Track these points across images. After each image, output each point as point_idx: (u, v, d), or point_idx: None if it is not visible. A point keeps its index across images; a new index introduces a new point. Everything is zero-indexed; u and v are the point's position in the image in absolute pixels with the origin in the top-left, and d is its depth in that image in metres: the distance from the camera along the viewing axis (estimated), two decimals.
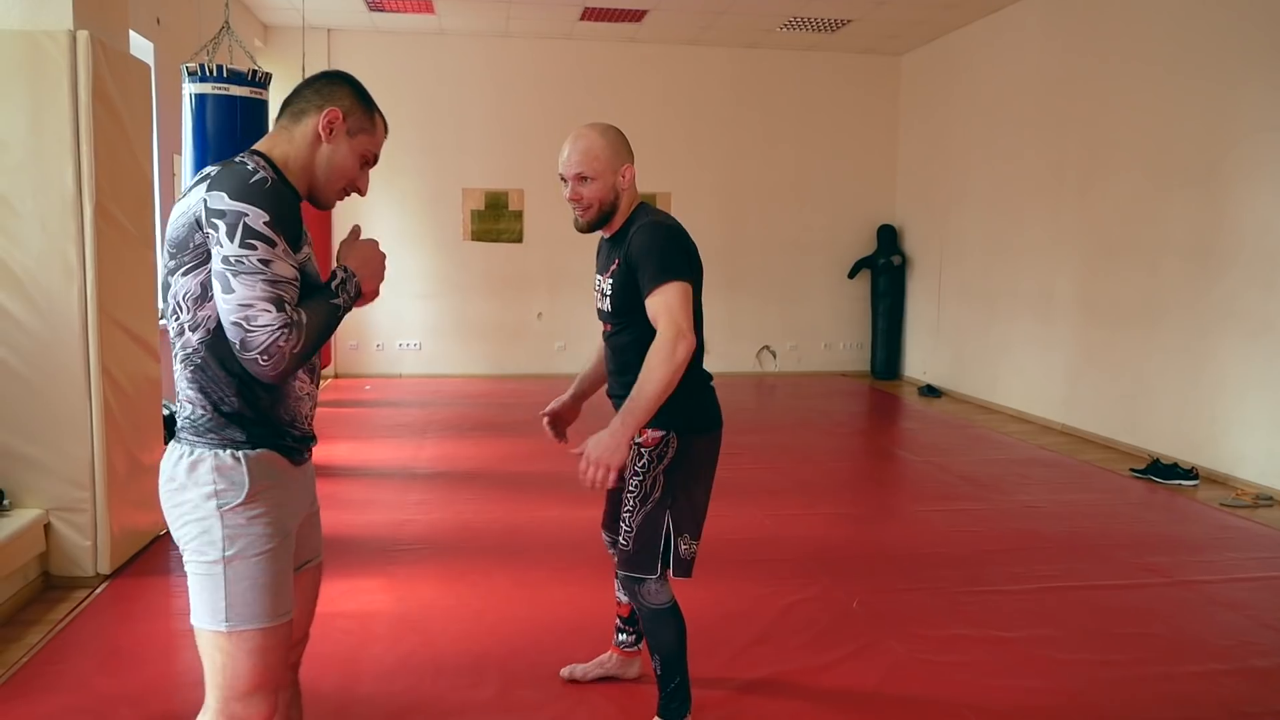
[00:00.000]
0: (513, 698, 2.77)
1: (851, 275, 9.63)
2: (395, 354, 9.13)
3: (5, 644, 3.08)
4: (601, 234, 2.47)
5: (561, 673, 2.88)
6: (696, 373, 2.42)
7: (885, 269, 9.36)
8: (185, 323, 1.67)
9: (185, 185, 1.70)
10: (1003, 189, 7.76)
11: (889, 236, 9.47)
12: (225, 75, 4.03)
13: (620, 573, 2.43)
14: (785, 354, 9.72)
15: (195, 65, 4.06)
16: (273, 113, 1.83)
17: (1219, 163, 5.50)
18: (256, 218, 1.59)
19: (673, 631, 2.43)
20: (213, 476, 1.66)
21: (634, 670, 2.87)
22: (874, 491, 5.50)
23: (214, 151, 4.01)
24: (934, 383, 8.77)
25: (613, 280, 2.38)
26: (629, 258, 2.31)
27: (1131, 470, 5.64)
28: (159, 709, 2.68)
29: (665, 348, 2.18)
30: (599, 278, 2.47)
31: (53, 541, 3.56)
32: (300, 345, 1.62)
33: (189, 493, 1.68)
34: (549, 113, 8.93)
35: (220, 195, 1.60)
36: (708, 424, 2.43)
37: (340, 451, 5.92)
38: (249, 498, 1.67)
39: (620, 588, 2.64)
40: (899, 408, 8.12)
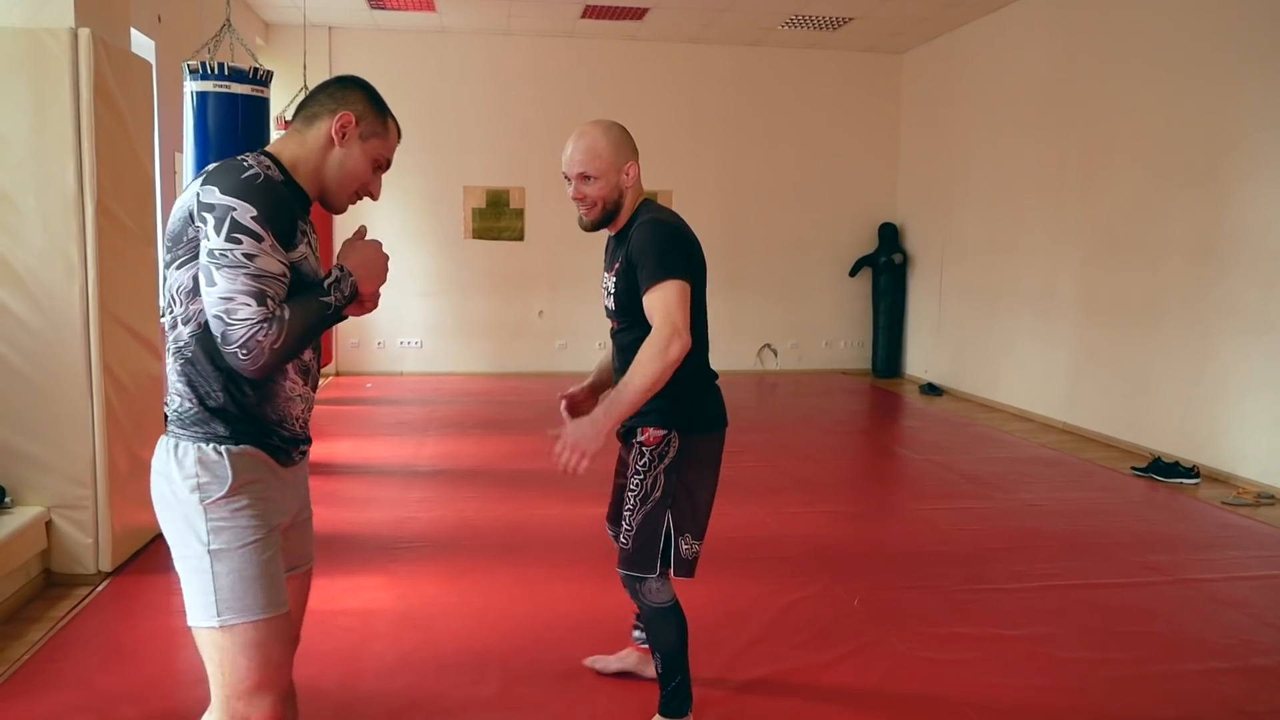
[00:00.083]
0: (514, 695, 2.77)
1: (853, 273, 9.62)
2: (396, 352, 9.13)
3: (7, 641, 3.08)
4: (608, 231, 2.46)
5: (585, 661, 2.88)
6: (700, 372, 2.41)
7: (886, 267, 9.35)
8: (178, 316, 1.68)
9: (186, 183, 1.68)
10: (1004, 187, 7.75)
11: (890, 234, 9.46)
12: (226, 73, 4.03)
13: (621, 571, 2.42)
14: (786, 352, 9.72)
15: (197, 63, 4.06)
16: (274, 111, 1.84)
17: (1220, 161, 5.49)
18: (244, 212, 1.60)
19: (674, 630, 2.42)
20: (196, 468, 1.66)
21: (653, 668, 2.81)
22: (875, 490, 5.50)
23: (215, 149, 4.01)
24: (935, 381, 8.77)
25: (616, 278, 2.36)
26: (629, 255, 2.30)
27: (1133, 469, 5.64)
28: (160, 707, 2.68)
29: (658, 344, 2.16)
30: (605, 275, 2.46)
31: (54, 539, 3.57)
32: (281, 341, 1.61)
33: (174, 484, 1.68)
34: (550, 111, 8.93)
35: (212, 190, 1.61)
36: (710, 424, 2.41)
37: (342, 449, 5.92)
38: (232, 490, 1.67)
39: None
40: (900, 406, 8.12)
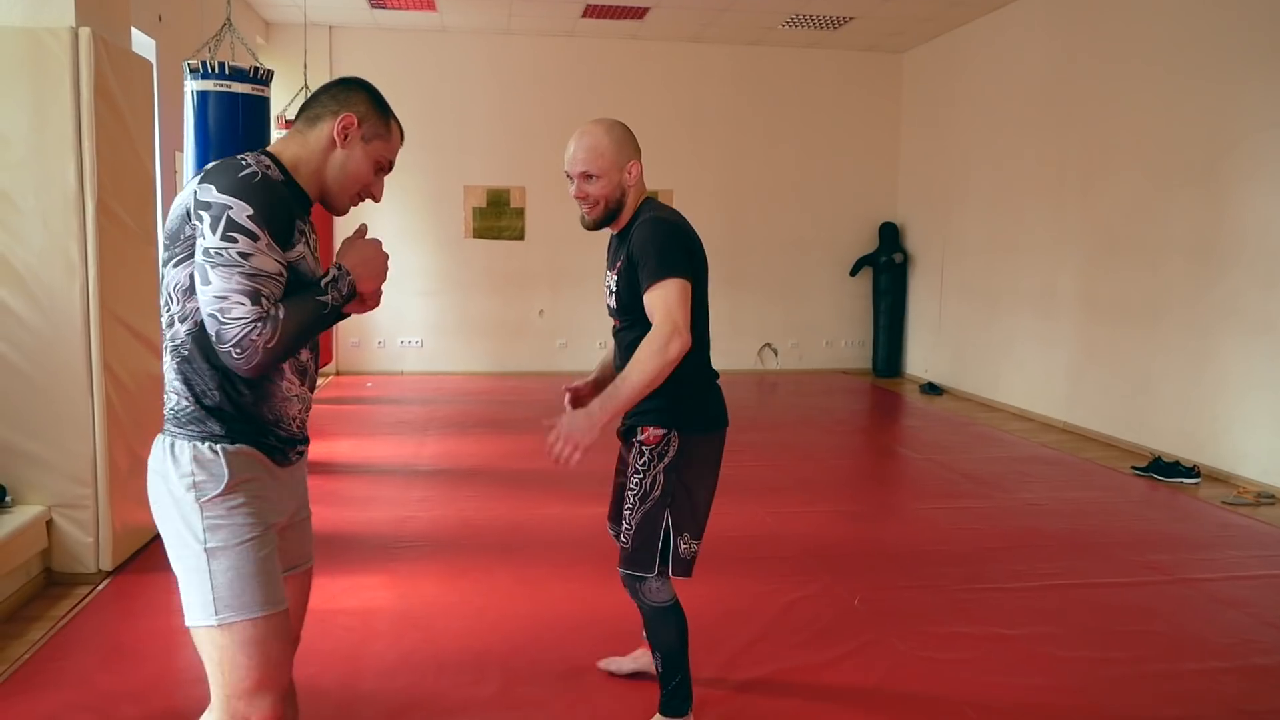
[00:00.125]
0: (514, 695, 2.77)
1: (853, 273, 9.62)
2: (397, 351, 9.13)
3: (7, 640, 3.08)
4: (610, 230, 2.45)
5: (599, 664, 2.87)
6: (701, 371, 2.40)
7: (887, 266, 9.35)
8: (175, 314, 1.68)
9: (186, 182, 1.68)
10: (1004, 186, 7.75)
11: (891, 234, 9.46)
12: (227, 72, 4.03)
13: (621, 570, 2.41)
14: (787, 351, 9.72)
15: (197, 62, 4.06)
16: (274, 110, 1.83)
17: (1221, 161, 5.49)
18: (240, 211, 1.59)
19: (674, 629, 2.42)
20: (192, 467, 1.66)
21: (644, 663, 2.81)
22: (875, 489, 5.50)
23: (216, 148, 4.01)
24: (935, 380, 8.76)
25: (618, 277, 2.36)
26: (630, 253, 2.29)
27: (1133, 468, 5.64)
28: (161, 706, 2.68)
29: (657, 341, 2.16)
30: (607, 274, 2.45)
31: (55, 538, 3.56)
32: (275, 340, 1.61)
33: (170, 483, 1.68)
34: (550, 110, 8.93)
35: (209, 188, 1.61)
36: (710, 423, 2.41)
37: (342, 448, 5.93)
38: (228, 489, 1.66)
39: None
40: (900, 405, 8.12)
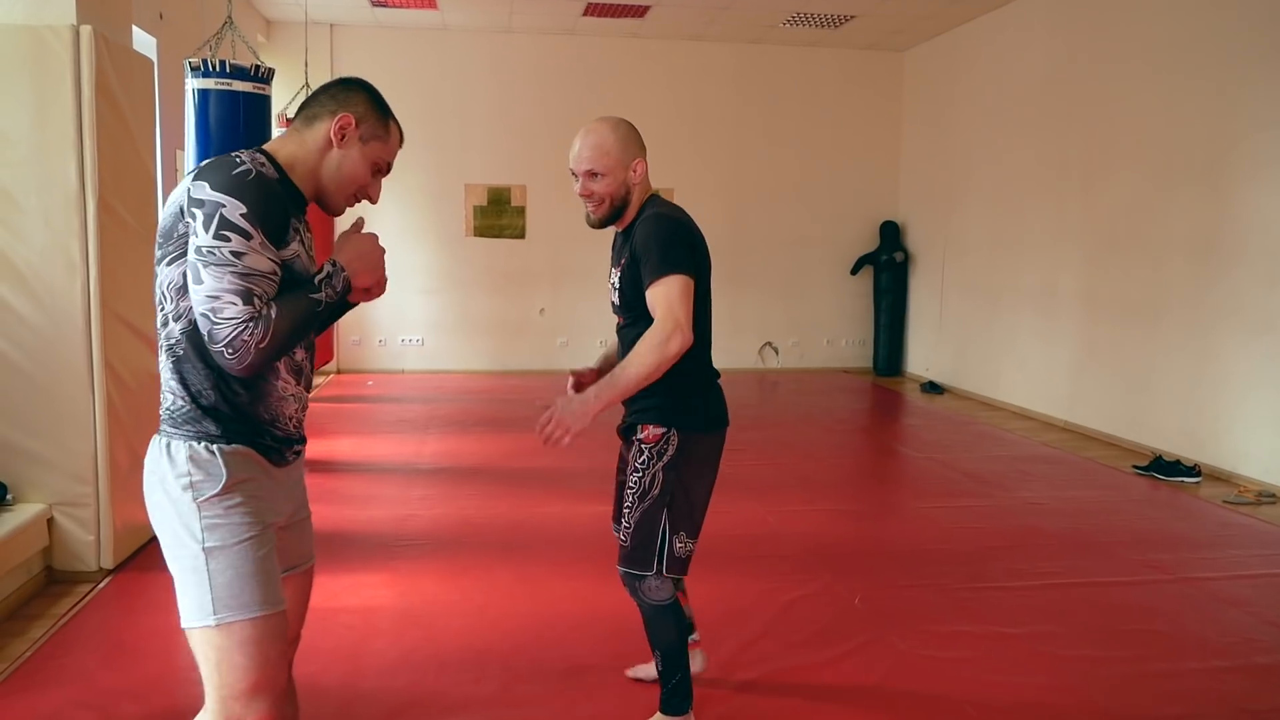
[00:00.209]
0: (515, 693, 2.77)
1: (854, 271, 9.62)
2: (398, 349, 9.13)
3: (8, 638, 3.08)
4: (615, 228, 2.45)
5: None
6: (702, 370, 2.40)
7: (888, 265, 9.35)
8: (169, 313, 1.66)
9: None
10: (1006, 185, 7.75)
11: (892, 232, 9.45)
12: (228, 70, 4.03)
13: (620, 569, 2.41)
14: (787, 350, 9.72)
15: (198, 60, 4.06)
16: (275, 108, 1.82)
17: (1222, 159, 5.49)
18: (234, 209, 1.58)
19: (673, 628, 2.42)
20: (189, 467, 1.65)
21: (697, 664, 2.79)
22: (876, 488, 5.50)
23: (217, 147, 4.01)
24: (936, 379, 8.76)
25: (622, 274, 2.36)
26: (634, 249, 2.29)
27: (1134, 467, 5.64)
28: (161, 704, 2.68)
29: (658, 336, 2.16)
30: (611, 271, 2.46)
31: (56, 536, 3.57)
32: (267, 340, 1.59)
33: (167, 484, 1.66)
34: (551, 108, 8.92)
35: (203, 185, 1.60)
36: (710, 423, 2.41)
37: (343, 447, 5.93)
38: (226, 489, 1.65)
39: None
40: (901, 404, 8.12)
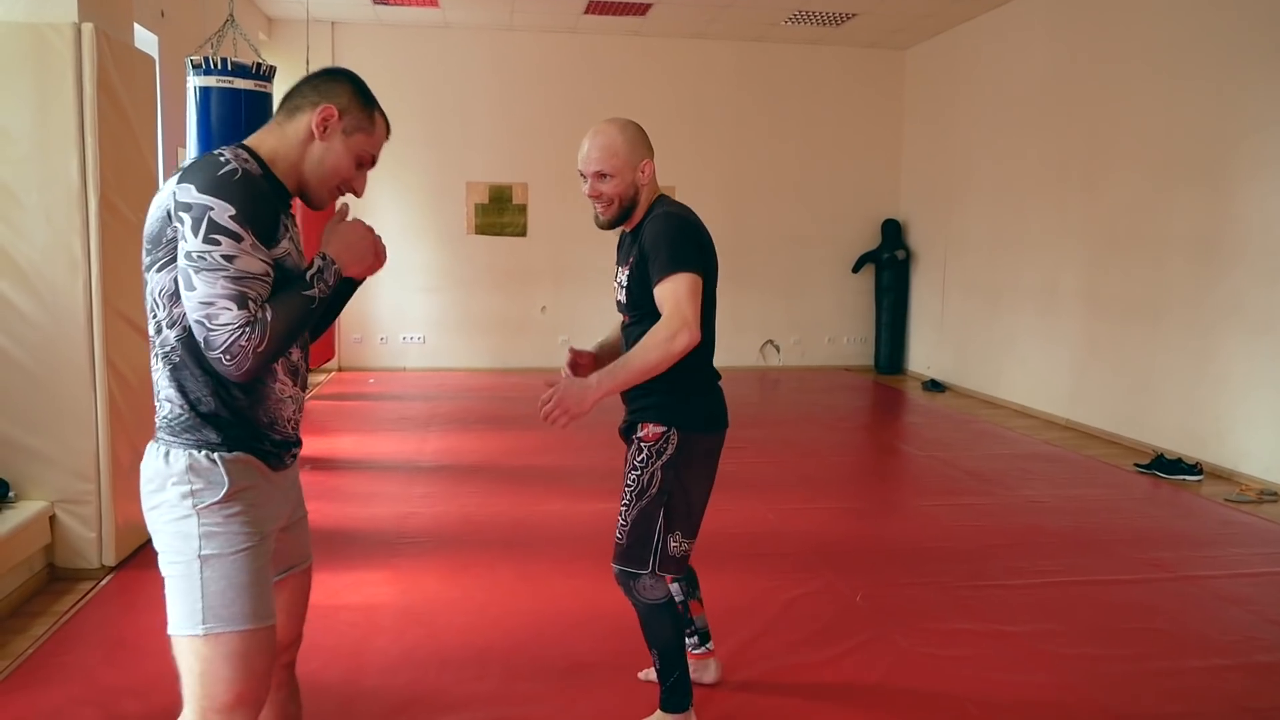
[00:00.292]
0: (516, 690, 2.78)
1: (855, 270, 9.61)
2: (399, 348, 9.13)
3: (11, 635, 3.09)
4: (622, 228, 2.46)
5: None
6: (704, 370, 2.41)
7: (889, 263, 9.34)
8: (162, 320, 1.62)
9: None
10: (1007, 183, 7.74)
11: (893, 231, 9.44)
12: (229, 68, 4.03)
13: (615, 567, 2.41)
14: (789, 348, 9.72)
15: (199, 58, 4.06)
16: (276, 106, 1.79)
17: (1224, 158, 5.48)
18: (222, 211, 1.54)
19: (670, 626, 2.42)
20: (188, 476, 1.62)
21: (710, 674, 2.78)
22: (877, 486, 5.50)
23: (218, 144, 3.97)
24: (938, 377, 8.76)
25: (629, 272, 2.37)
26: (642, 247, 2.30)
27: (1136, 465, 5.64)
28: (163, 701, 2.68)
29: (665, 330, 2.16)
30: (618, 269, 2.47)
31: (58, 533, 3.57)
32: (265, 344, 1.56)
33: (165, 492, 1.63)
34: (553, 106, 8.92)
35: (188, 188, 1.56)
36: (710, 424, 2.41)
37: (344, 445, 5.93)
38: (227, 497, 1.62)
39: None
40: (902, 402, 8.12)
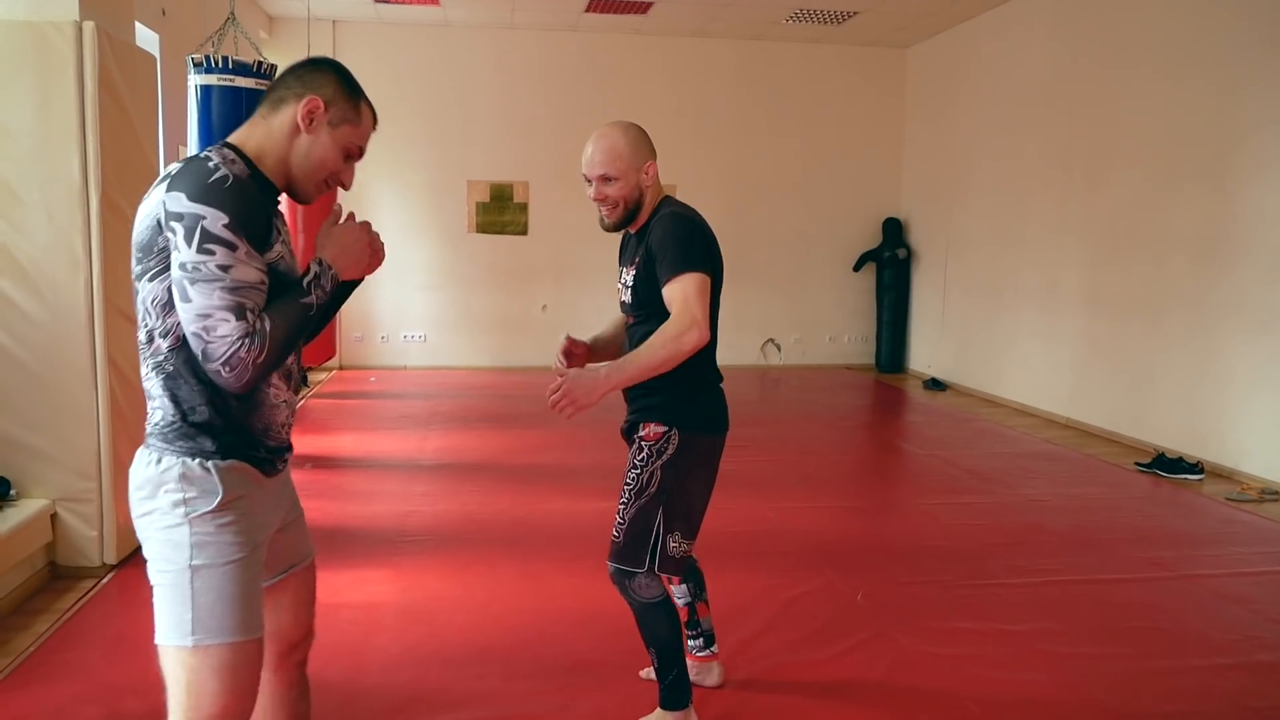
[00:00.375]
0: (517, 688, 2.78)
1: (856, 268, 9.61)
2: (400, 346, 9.13)
3: (13, 633, 3.09)
4: (627, 230, 2.46)
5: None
6: (707, 371, 2.41)
7: (890, 262, 9.34)
8: (154, 329, 1.59)
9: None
10: (1008, 182, 7.73)
11: (894, 229, 9.44)
12: (230, 67, 4.03)
13: (610, 564, 2.40)
14: (790, 347, 9.71)
15: (200, 56, 4.06)
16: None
17: (1226, 156, 5.47)
18: (215, 220, 1.50)
19: (665, 624, 2.42)
20: (180, 484, 1.58)
21: (713, 677, 2.78)
22: (878, 485, 5.50)
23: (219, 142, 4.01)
24: (939, 376, 8.75)
25: (635, 271, 2.37)
26: (649, 247, 2.31)
27: (1137, 464, 5.64)
28: (163, 700, 2.68)
29: (674, 329, 2.17)
30: (622, 270, 2.47)
31: (59, 532, 3.57)
32: (264, 355, 1.53)
33: (156, 500, 1.60)
34: (554, 105, 8.92)
35: (178, 196, 1.51)
36: (712, 425, 2.42)
37: (345, 443, 5.93)
38: (220, 506, 1.59)
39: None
40: (903, 401, 8.12)
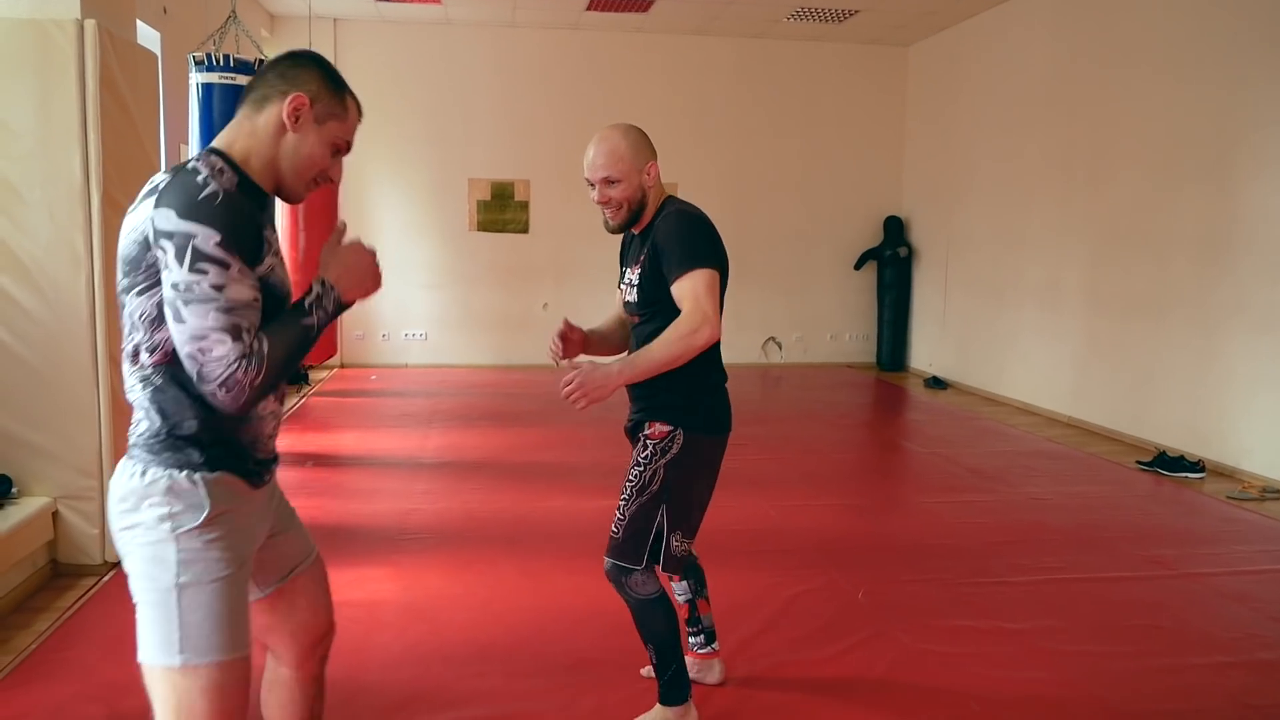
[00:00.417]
0: (518, 686, 2.78)
1: (858, 267, 9.60)
2: (401, 344, 9.14)
3: (14, 631, 3.10)
4: (631, 231, 2.47)
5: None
6: (713, 371, 2.42)
7: (891, 260, 9.33)
8: (141, 344, 1.54)
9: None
10: (1010, 180, 7.73)
11: (895, 228, 9.44)
12: (232, 65, 4.04)
13: (607, 560, 2.40)
14: (791, 345, 9.71)
15: (202, 55, 4.07)
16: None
17: (1228, 155, 5.47)
18: (206, 239, 1.45)
19: (663, 620, 2.43)
20: (167, 498, 1.54)
21: (714, 675, 2.78)
22: (879, 483, 5.50)
23: None
24: (940, 374, 8.75)
25: (640, 271, 2.38)
26: (655, 245, 2.31)
27: (1138, 463, 5.63)
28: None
29: (687, 325, 2.18)
30: (625, 270, 2.47)
31: (61, 529, 3.58)
32: (262, 376, 1.49)
33: (141, 513, 1.54)
34: (555, 103, 8.92)
35: (168, 213, 1.46)
36: (716, 426, 2.43)
37: (346, 441, 5.94)
38: (207, 521, 1.54)
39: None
40: (905, 399, 8.12)
